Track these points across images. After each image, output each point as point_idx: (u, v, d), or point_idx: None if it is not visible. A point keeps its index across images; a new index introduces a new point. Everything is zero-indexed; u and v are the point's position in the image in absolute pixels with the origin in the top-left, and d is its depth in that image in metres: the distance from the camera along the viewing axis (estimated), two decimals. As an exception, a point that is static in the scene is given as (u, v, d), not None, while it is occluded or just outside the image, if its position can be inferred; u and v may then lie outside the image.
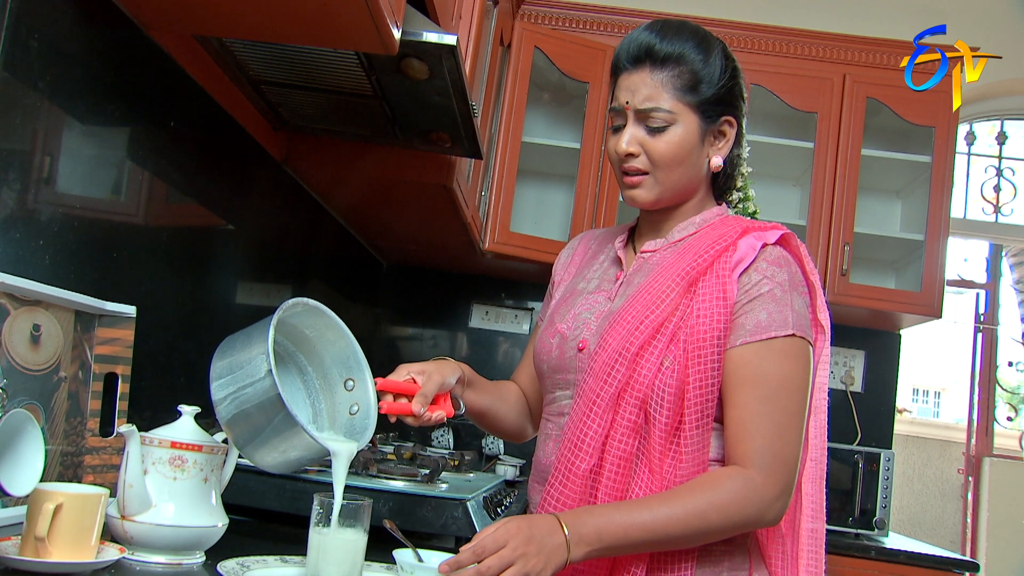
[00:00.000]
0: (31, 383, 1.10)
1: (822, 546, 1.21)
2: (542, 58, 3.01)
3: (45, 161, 1.24)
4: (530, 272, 3.19)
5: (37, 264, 1.21)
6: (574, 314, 1.26)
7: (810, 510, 1.21)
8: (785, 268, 1.16)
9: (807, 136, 3.08)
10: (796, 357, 1.13)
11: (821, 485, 1.22)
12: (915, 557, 2.59)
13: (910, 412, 6.56)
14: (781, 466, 1.10)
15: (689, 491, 1.09)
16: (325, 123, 1.99)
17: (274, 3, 1.29)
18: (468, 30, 2.06)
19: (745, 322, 1.13)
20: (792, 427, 1.12)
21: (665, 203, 1.24)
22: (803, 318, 1.15)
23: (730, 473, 1.10)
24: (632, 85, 1.20)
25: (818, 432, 1.22)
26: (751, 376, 1.12)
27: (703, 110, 1.20)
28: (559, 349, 1.25)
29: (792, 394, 1.12)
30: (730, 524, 1.09)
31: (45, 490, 0.90)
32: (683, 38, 1.20)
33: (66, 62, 1.24)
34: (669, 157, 1.19)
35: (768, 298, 1.14)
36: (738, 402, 1.12)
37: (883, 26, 3.33)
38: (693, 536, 1.09)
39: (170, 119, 1.58)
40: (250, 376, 1.00)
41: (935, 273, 2.97)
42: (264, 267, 2.22)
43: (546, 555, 1.00)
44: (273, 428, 1.00)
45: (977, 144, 3.89)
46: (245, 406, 1.00)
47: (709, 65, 1.20)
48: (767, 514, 1.10)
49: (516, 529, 1.01)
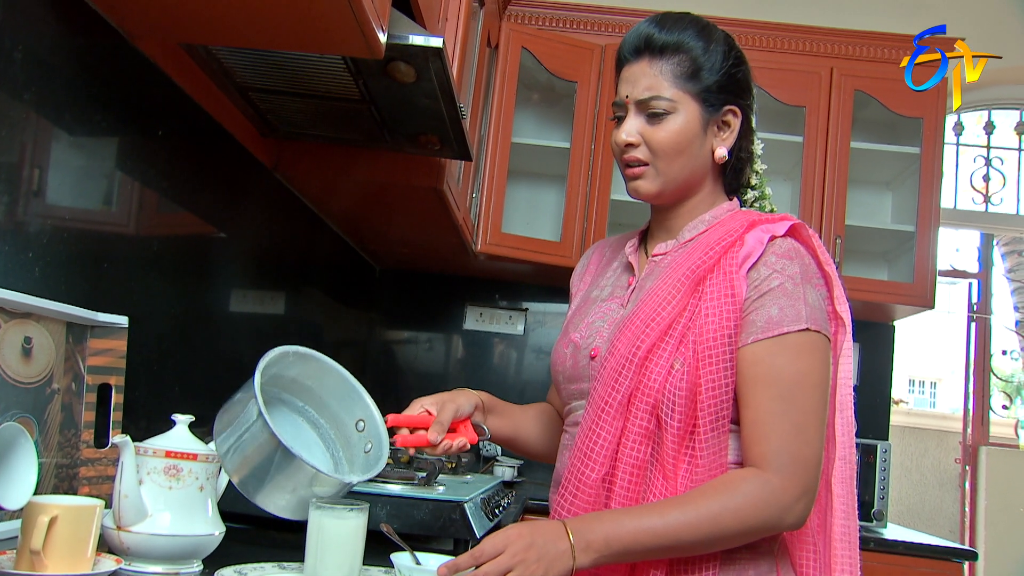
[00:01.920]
0: (23, 396, 1.09)
1: (856, 547, 1.16)
2: (530, 58, 3.01)
3: (34, 173, 1.24)
4: (523, 273, 3.19)
5: (27, 276, 1.21)
6: (587, 323, 1.23)
7: (841, 511, 1.15)
8: (797, 260, 1.12)
9: (796, 130, 3.09)
10: (811, 352, 1.09)
11: (852, 485, 1.16)
12: (913, 547, 2.60)
13: (906, 403, 6.58)
14: (800, 467, 1.05)
15: (703, 495, 1.04)
16: (314, 129, 1.99)
17: (259, 9, 1.29)
18: (455, 32, 2.06)
19: (756, 319, 1.09)
20: (811, 426, 1.07)
21: (669, 195, 1.21)
22: (818, 311, 1.11)
23: (746, 476, 1.06)
24: (632, 76, 1.18)
25: (846, 430, 1.17)
26: (765, 375, 1.07)
27: (704, 98, 1.17)
28: (573, 359, 1.22)
29: (809, 391, 1.08)
30: (747, 528, 1.04)
31: (39, 503, 0.90)
32: (682, 27, 1.19)
33: (51, 73, 1.24)
34: (669, 145, 1.16)
35: (779, 292, 1.09)
36: (753, 402, 1.08)
37: (869, 19, 3.34)
38: (707, 542, 1.04)
39: (158, 128, 1.58)
40: (245, 423, 1.03)
41: (927, 264, 2.98)
42: (256, 274, 2.22)
43: (547, 562, 0.98)
44: (276, 467, 1.02)
45: (965, 134, 3.91)
46: (245, 451, 1.03)
47: (710, 52, 1.18)
48: (787, 517, 1.05)
49: (517, 535, 0.99)
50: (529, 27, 3.08)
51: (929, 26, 3.28)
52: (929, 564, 2.58)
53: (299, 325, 2.58)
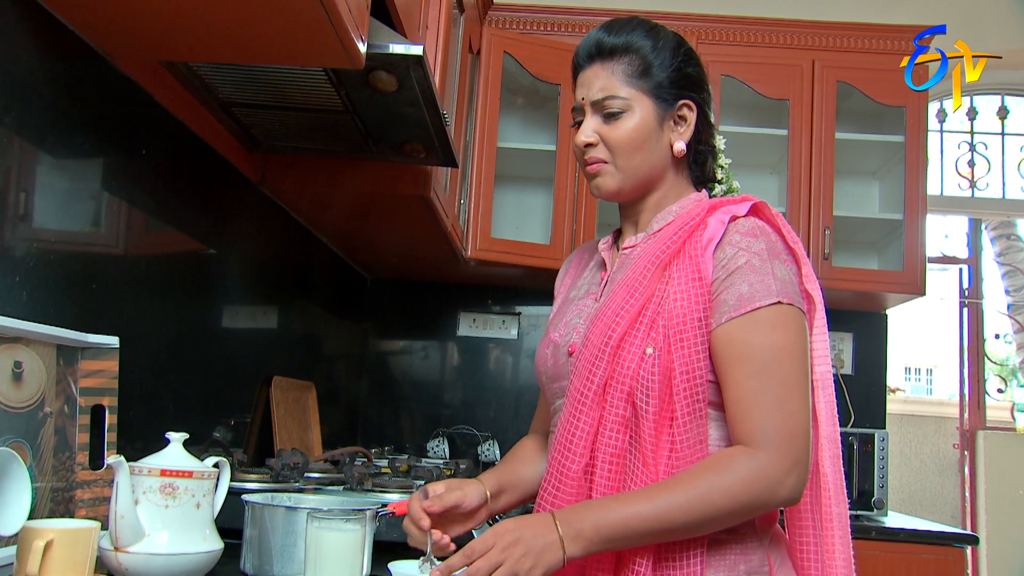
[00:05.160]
0: (15, 421, 1.09)
1: (848, 530, 1.15)
2: (512, 63, 3.02)
3: (20, 197, 1.24)
4: (515, 277, 3.19)
5: (15, 301, 1.21)
6: (565, 321, 1.25)
7: (834, 492, 1.15)
8: (762, 237, 1.13)
9: (781, 123, 3.10)
10: (786, 324, 1.09)
11: (839, 465, 1.16)
12: (915, 534, 2.60)
13: (903, 391, 6.59)
14: (787, 440, 1.04)
15: (691, 476, 1.04)
16: (298, 141, 1.99)
17: (238, 24, 1.29)
18: (435, 39, 2.06)
19: (727, 298, 1.09)
20: (793, 398, 1.06)
21: (630, 191, 1.23)
22: (788, 284, 1.11)
23: (733, 454, 1.05)
24: (587, 80, 1.23)
25: (828, 408, 1.17)
26: (740, 352, 1.07)
27: (657, 94, 1.20)
28: (553, 357, 1.24)
29: (787, 363, 1.07)
30: (739, 506, 1.03)
31: (34, 527, 0.90)
32: (630, 28, 1.23)
33: (32, 96, 1.24)
34: (626, 142, 1.19)
35: (747, 269, 1.10)
36: (732, 382, 1.08)
37: (848, 10, 3.36)
38: (699, 523, 1.03)
39: (142, 147, 1.57)
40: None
41: (916, 251, 2.99)
42: (247, 290, 2.21)
43: (535, 554, 0.98)
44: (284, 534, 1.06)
45: (949, 121, 3.93)
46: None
47: (659, 49, 1.21)
48: (780, 491, 1.04)
49: (504, 530, 1.00)
50: (510, 31, 3.08)
51: (907, 14, 3.31)
52: (931, 550, 2.58)
53: (292, 339, 2.57)
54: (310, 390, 2.56)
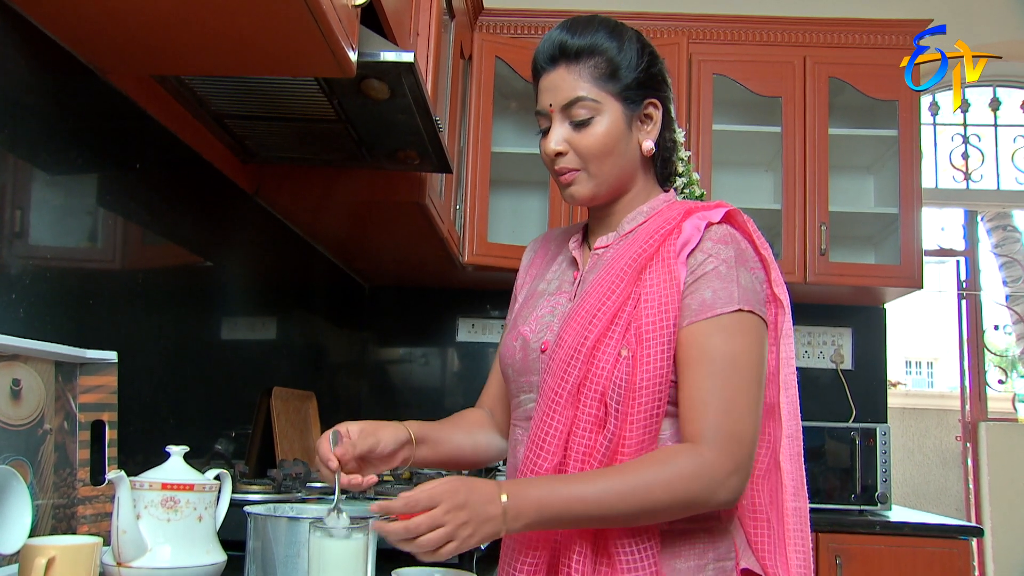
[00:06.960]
0: (15, 439, 1.09)
1: (807, 524, 1.19)
2: (504, 67, 3.02)
3: (15, 214, 1.23)
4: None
5: (12, 318, 1.20)
6: (537, 316, 1.26)
7: (792, 488, 1.18)
8: (732, 245, 1.15)
9: (774, 121, 3.11)
10: (745, 333, 1.11)
11: (799, 462, 1.19)
12: (919, 528, 2.60)
13: (904, 385, 6.59)
14: (734, 443, 1.06)
15: (636, 466, 1.06)
16: (292, 152, 1.99)
17: (228, 36, 1.29)
18: (427, 46, 2.06)
19: (691, 302, 1.12)
20: (743, 403, 1.09)
21: (605, 196, 1.24)
22: (751, 292, 1.13)
23: (680, 449, 1.07)
24: (552, 84, 1.22)
25: (791, 409, 1.20)
26: (699, 355, 1.09)
27: (625, 96, 1.20)
28: (522, 352, 1.24)
29: (742, 370, 1.10)
30: (677, 501, 1.05)
31: (35, 544, 0.90)
32: (593, 29, 1.21)
33: (25, 112, 1.24)
34: (598, 149, 1.19)
35: (713, 276, 1.12)
36: (688, 382, 1.10)
37: (838, 6, 3.36)
38: (638, 513, 1.04)
39: (136, 162, 1.57)
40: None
41: (913, 244, 3.00)
42: (245, 301, 2.21)
43: (476, 523, 0.98)
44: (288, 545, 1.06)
45: (942, 114, 3.93)
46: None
47: (624, 51, 1.21)
48: (718, 492, 1.06)
49: (452, 490, 0.98)
50: (502, 36, 3.09)
51: (897, 8, 3.31)
52: (936, 543, 2.58)
53: (292, 349, 2.57)
54: (311, 400, 2.56)
